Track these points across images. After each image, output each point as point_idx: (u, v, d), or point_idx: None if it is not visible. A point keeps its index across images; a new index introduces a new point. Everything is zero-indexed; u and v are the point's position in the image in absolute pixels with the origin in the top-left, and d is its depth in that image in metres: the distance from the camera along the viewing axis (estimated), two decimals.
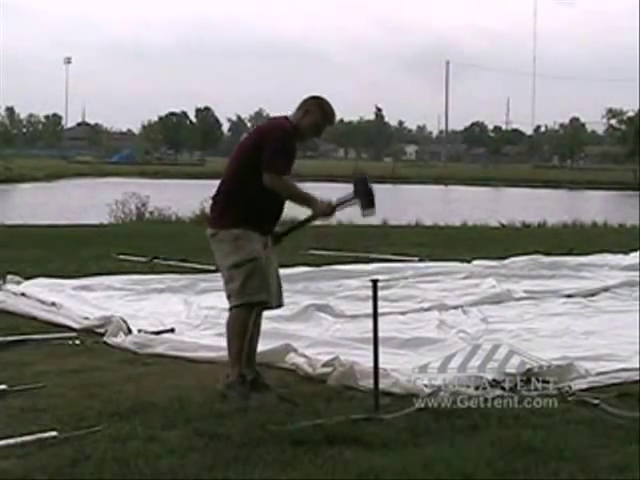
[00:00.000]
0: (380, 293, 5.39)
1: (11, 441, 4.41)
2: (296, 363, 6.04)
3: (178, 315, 7.97)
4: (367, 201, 5.55)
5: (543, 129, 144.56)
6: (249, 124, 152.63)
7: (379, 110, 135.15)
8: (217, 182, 5.76)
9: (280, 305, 5.86)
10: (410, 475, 4.08)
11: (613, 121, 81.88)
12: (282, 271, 5.96)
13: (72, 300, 8.24)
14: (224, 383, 5.44)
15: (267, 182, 5.40)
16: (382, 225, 21.79)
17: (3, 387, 5.40)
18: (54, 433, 4.49)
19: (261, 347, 5.93)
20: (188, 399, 5.25)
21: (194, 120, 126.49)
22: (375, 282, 5.28)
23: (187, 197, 26.84)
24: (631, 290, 9.54)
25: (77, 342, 6.90)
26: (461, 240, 15.84)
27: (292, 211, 5.87)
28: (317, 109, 5.60)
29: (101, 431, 4.60)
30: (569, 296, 9.25)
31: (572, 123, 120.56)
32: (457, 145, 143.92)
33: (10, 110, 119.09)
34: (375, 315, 5.22)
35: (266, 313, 5.79)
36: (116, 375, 5.92)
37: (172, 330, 7.18)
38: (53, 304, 7.91)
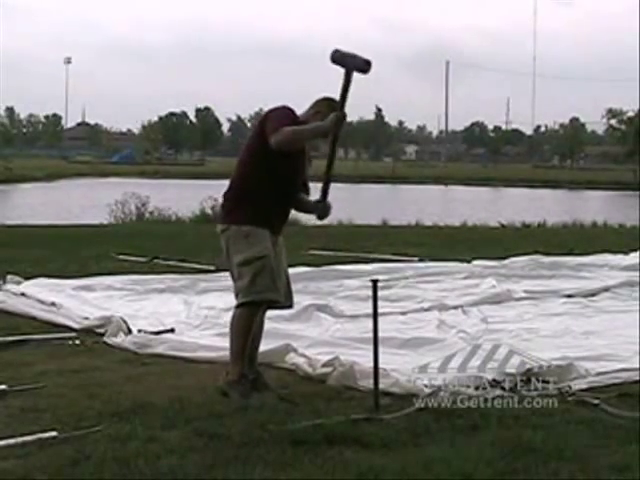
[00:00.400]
0: (380, 293, 5.38)
1: (11, 441, 4.40)
2: (296, 363, 6.04)
3: (178, 315, 7.97)
4: (362, 63, 5.22)
5: (543, 129, 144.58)
6: (249, 124, 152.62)
7: (379, 110, 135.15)
8: (217, 182, 5.80)
9: (290, 306, 5.82)
10: (410, 475, 4.08)
11: (613, 121, 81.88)
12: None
13: (72, 300, 8.24)
14: (224, 381, 5.43)
15: (273, 144, 5.28)
16: (382, 225, 21.83)
17: (3, 387, 5.40)
18: (54, 433, 4.49)
19: (261, 347, 5.92)
20: (188, 399, 5.24)
21: (194, 120, 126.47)
22: (375, 282, 5.27)
23: (187, 197, 26.87)
24: (631, 290, 9.53)
25: (77, 342, 6.90)
26: (461, 240, 15.84)
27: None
28: (328, 111, 5.46)
29: (101, 431, 4.59)
30: (569, 296, 9.25)
31: (572, 123, 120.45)
32: (457, 145, 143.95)
33: (10, 110, 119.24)
34: (375, 315, 5.22)
35: (267, 313, 5.79)
36: (116, 375, 5.92)
37: (172, 330, 7.18)
38: (53, 304, 7.91)
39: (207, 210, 20.68)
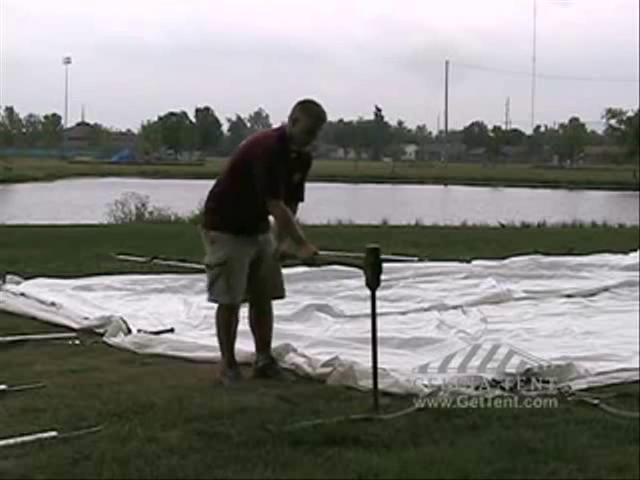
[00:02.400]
0: (380, 293, 5.39)
1: (11, 441, 4.40)
2: (296, 363, 6.04)
3: (178, 315, 7.97)
4: (373, 275, 5.25)
5: (543, 129, 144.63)
6: (249, 124, 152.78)
7: (379, 110, 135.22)
8: None
9: (281, 296, 6.10)
10: (410, 475, 4.08)
11: (613, 121, 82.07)
12: (282, 271, 6.00)
13: (72, 300, 8.23)
14: (218, 374, 5.77)
15: (269, 207, 5.62)
16: (382, 225, 21.82)
17: (3, 387, 5.40)
18: (54, 433, 4.49)
19: None
20: (188, 399, 5.25)
21: (194, 120, 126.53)
22: (374, 290, 5.27)
23: (187, 197, 26.82)
24: (631, 290, 9.52)
25: (77, 342, 6.90)
26: (461, 240, 15.82)
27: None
28: (303, 115, 5.65)
29: (101, 431, 4.60)
30: (569, 296, 9.24)
31: (572, 123, 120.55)
32: (457, 145, 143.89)
33: (10, 110, 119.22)
34: (374, 316, 5.23)
35: None
36: (116, 375, 5.92)
37: (171, 330, 7.18)
38: (53, 304, 7.91)
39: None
